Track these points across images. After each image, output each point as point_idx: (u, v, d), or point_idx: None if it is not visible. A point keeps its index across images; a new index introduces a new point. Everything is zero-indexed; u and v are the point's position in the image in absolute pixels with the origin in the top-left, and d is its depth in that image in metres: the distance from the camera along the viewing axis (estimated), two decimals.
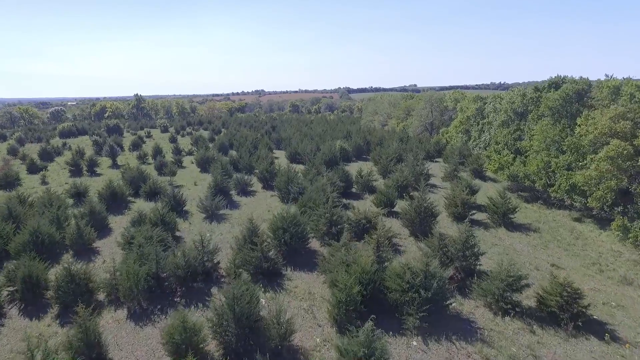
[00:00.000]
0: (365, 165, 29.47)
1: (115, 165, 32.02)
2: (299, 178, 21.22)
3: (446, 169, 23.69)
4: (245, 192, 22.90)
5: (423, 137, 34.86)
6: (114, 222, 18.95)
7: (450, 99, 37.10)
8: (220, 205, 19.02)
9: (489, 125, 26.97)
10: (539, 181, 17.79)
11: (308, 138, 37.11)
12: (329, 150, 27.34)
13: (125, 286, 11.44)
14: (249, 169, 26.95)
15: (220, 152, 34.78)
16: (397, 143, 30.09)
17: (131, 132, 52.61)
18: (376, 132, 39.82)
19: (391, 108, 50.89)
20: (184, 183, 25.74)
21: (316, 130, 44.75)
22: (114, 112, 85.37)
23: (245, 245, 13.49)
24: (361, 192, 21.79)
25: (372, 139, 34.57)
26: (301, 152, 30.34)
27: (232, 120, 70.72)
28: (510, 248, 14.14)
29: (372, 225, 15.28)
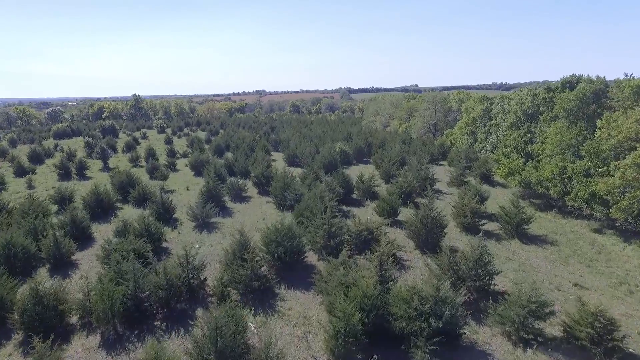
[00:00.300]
0: (366, 168, 28.23)
1: (106, 168, 30.83)
2: (296, 183, 19.97)
3: (452, 174, 22.41)
4: (240, 197, 21.66)
5: (426, 139, 33.57)
6: (98, 230, 17.75)
7: (455, 99, 35.81)
8: (212, 213, 17.78)
9: (496, 127, 25.68)
10: (554, 188, 16.51)
11: (307, 140, 35.86)
12: (328, 153, 26.09)
13: (98, 309, 10.22)
14: (245, 172, 25.73)
15: (215, 154, 33.56)
16: (400, 145, 28.82)
17: (127, 133, 51.45)
18: (378, 133, 38.56)
19: (393, 109, 49.59)
20: (176, 187, 24.53)
21: (316, 131, 43.50)
22: (112, 112, 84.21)
23: (235, 260, 12.26)
24: (362, 199, 20.53)
25: (373, 140, 33.31)
26: (300, 155, 29.10)
27: (231, 121, 69.54)
28: (526, 264, 12.85)
29: (374, 237, 14.04)
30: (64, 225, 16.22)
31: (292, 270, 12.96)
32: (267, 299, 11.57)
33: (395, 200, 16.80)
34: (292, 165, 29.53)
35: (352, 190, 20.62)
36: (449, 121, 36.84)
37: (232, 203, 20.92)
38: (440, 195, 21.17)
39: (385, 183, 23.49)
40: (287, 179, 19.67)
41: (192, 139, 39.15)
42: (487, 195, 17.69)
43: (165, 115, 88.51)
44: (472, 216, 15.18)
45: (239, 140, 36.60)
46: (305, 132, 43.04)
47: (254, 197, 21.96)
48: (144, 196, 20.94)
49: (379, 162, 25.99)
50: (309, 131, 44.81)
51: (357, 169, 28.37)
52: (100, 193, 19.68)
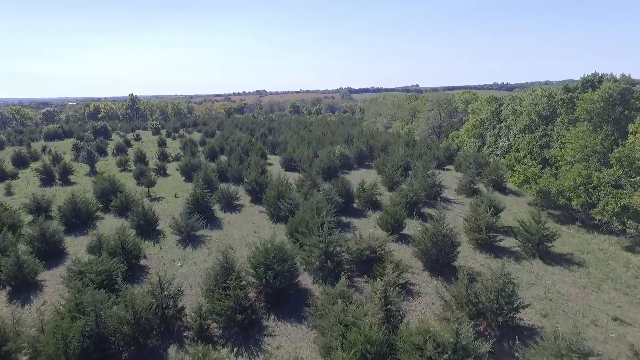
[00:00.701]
0: (368, 173, 26.56)
1: (93, 172, 29.17)
2: (291, 192, 18.29)
3: (461, 181, 20.71)
4: (231, 206, 19.99)
5: (431, 142, 31.91)
6: (73, 245, 16.12)
7: (460, 99, 34.13)
8: (197, 226, 16.12)
9: (507, 129, 24.01)
10: (577, 199, 14.84)
11: (305, 142, 34.20)
12: (327, 157, 24.42)
13: (49, 350, 8.58)
14: (238, 178, 24.06)
15: (208, 158, 31.90)
16: (403, 149, 27.15)
17: (120, 135, 49.87)
18: (380, 135, 36.91)
19: (395, 109, 47.91)
20: (163, 194, 22.88)
21: (315, 133, 41.84)
22: (108, 113, 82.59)
23: (217, 287, 10.61)
24: (364, 208, 18.85)
25: (375, 143, 31.63)
26: (297, 158, 27.44)
27: (228, 122, 67.91)
28: (552, 289, 11.17)
29: (378, 257, 12.38)
30: (32, 239, 14.60)
31: (283, 296, 11.30)
32: (253, 334, 9.91)
33: (400, 212, 15.12)
34: (289, 170, 27.88)
35: (352, 199, 18.95)
36: (454, 123, 35.15)
37: (222, 213, 19.26)
38: (448, 204, 19.48)
39: (389, 190, 21.81)
40: (281, 187, 18.00)
41: (186, 141, 37.52)
42: (503, 206, 16.00)
43: (162, 116, 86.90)
44: (487, 232, 13.49)
45: (233, 142, 34.95)
46: (304, 134, 41.37)
47: (246, 205, 20.29)
48: (126, 205, 19.30)
49: (381, 167, 24.31)
50: (307, 133, 43.15)
51: (358, 174, 26.71)
52: (77, 202, 18.04)
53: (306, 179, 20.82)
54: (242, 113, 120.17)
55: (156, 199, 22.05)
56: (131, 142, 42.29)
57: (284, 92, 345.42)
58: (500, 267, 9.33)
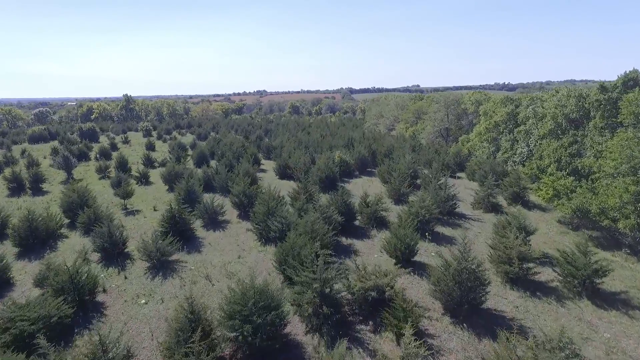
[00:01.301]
0: (371, 182, 24.01)
1: (70, 180, 26.67)
2: (283, 208, 15.76)
3: (477, 193, 18.17)
4: (215, 222, 17.48)
5: (439, 146, 29.37)
6: (23, 272, 13.65)
7: (470, 100, 31.60)
8: (170, 250, 13.60)
9: (526, 134, 21.46)
10: (624, 220, 12.34)
11: (302, 146, 31.69)
12: (325, 164, 21.88)
13: None
14: (226, 188, 21.53)
15: (197, 164, 29.42)
16: (410, 154, 24.62)
17: (109, 137, 47.37)
18: (383, 139, 34.39)
19: (398, 110, 45.38)
20: (142, 207, 20.37)
21: (314, 135, 39.31)
22: (101, 113, 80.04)
23: (179, 345, 8.10)
24: (367, 227, 16.32)
25: (378, 147, 29.10)
26: (293, 165, 24.91)
27: (225, 123, 65.45)
28: (615, 347, 8.64)
29: (386, 299, 9.87)
30: None
31: (267, 354, 8.78)
32: None
33: (412, 235, 12.59)
34: (283, 178, 25.36)
35: (354, 216, 16.41)
36: (464, 125, 32.60)
37: (203, 231, 16.75)
38: (465, 221, 16.94)
39: (395, 203, 19.28)
40: (272, 203, 15.46)
41: (175, 144, 35.01)
42: (533, 228, 13.45)
43: (157, 117, 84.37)
44: (520, 264, 10.96)
45: (225, 146, 32.45)
46: (302, 136, 38.85)
47: (232, 222, 17.76)
48: (95, 221, 16.78)
49: (386, 176, 21.77)
50: (305, 136, 40.63)
51: (360, 182, 24.18)
52: (35, 219, 15.53)
53: (301, 190, 18.30)
54: (241, 113, 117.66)
55: (132, 212, 19.55)
56: (118, 145, 39.79)
57: (285, 92, 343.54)
58: (557, 332, 6.81)
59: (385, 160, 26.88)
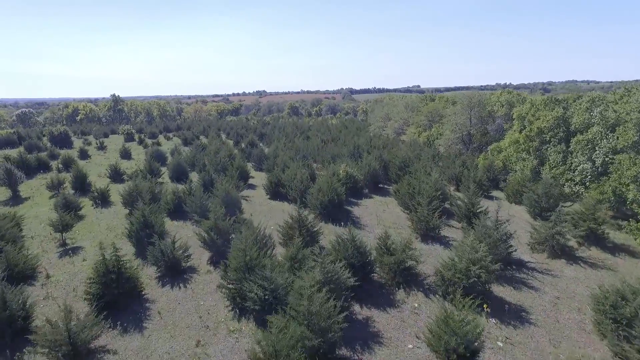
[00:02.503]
0: (385, 204, 19.01)
1: (14, 200, 21.76)
2: (267, 261, 10.80)
3: (538, 231, 13.24)
4: (176, 272, 12.55)
5: (466, 157, 24.40)
6: None
7: (499, 101, 26.69)
8: (93, 334, 8.70)
9: (589, 145, 16.55)
10: None
11: (300, 156, 26.76)
12: (328, 184, 16.95)
13: None
14: (202, 214, 16.56)
15: (173, 177, 24.51)
16: (433, 168, 19.70)
17: (85, 141, 42.45)
18: (394, 145, 29.46)
19: (408, 112, 40.46)
20: (86, 242, 15.46)
21: (314, 141, 34.36)
22: (87, 114, 75.00)
23: None
24: (390, 284, 11.38)
25: (391, 158, 24.18)
26: (287, 183, 20.03)
27: (217, 126, 60.53)
28: None
29: None
30: None
31: None
32: None
33: (472, 327, 7.66)
34: (275, 198, 20.44)
35: (370, 267, 11.48)
36: (491, 131, 27.66)
37: (157, 286, 11.86)
38: (528, 274, 11.99)
39: (423, 240, 14.37)
40: (251, 253, 10.52)
41: (153, 152, 30.08)
42: None
43: (147, 118, 79.41)
44: None
45: (209, 155, 27.57)
46: (300, 143, 33.93)
47: (201, 269, 12.84)
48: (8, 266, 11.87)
49: (407, 200, 16.84)
50: (304, 141, 35.73)
51: (372, 205, 19.23)
52: None
53: (296, 225, 13.38)
54: (238, 115, 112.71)
55: (71, 250, 14.63)
56: (90, 152, 34.84)
57: (284, 92, 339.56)
58: None
59: (401, 175, 21.99)
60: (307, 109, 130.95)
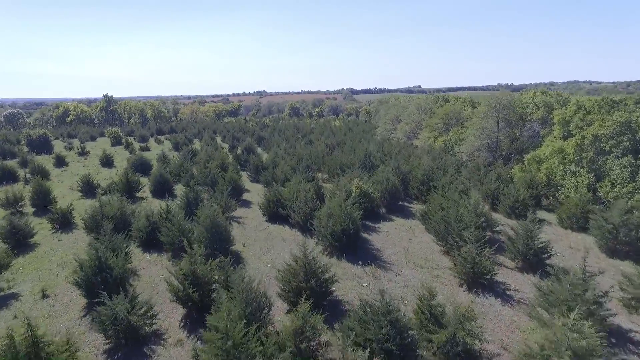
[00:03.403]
0: (411, 231, 15.37)
1: None
2: (256, 358, 7.18)
3: (634, 285, 9.61)
4: (135, 342, 8.93)
5: (499, 168, 20.77)
6: None
7: (535, 103, 23.07)
8: None
9: None
10: None
11: (303, 164, 23.17)
12: (341, 209, 13.37)
13: None
14: (179, 246, 12.98)
15: (155, 193, 20.95)
16: (466, 184, 16.11)
17: (67, 145, 38.87)
18: (411, 154, 25.79)
19: (421, 114, 36.86)
20: (29, 285, 11.87)
21: (318, 147, 30.77)
22: (78, 115, 71.34)
23: None
24: None
25: (411, 170, 20.62)
26: (287, 201, 16.44)
27: (213, 128, 56.95)
28: None
29: None
30: None
31: None
32: None
33: None
34: (274, 221, 16.84)
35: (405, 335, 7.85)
36: (518, 136, 24.06)
37: None
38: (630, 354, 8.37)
39: (470, 289, 10.76)
40: (236, 338, 6.91)
41: (135, 160, 26.48)
42: None
43: (141, 119, 75.78)
44: None
45: (198, 164, 24.04)
46: (302, 149, 30.37)
47: (169, 339, 9.23)
48: None
49: (440, 227, 13.23)
50: (306, 147, 32.16)
51: (393, 230, 15.59)
52: None
53: (300, 277, 9.77)
54: (236, 115, 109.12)
55: (5, 299, 11.04)
56: (69, 159, 31.27)
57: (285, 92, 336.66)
58: None
59: (424, 190, 18.42)
60: (308, 109, 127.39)
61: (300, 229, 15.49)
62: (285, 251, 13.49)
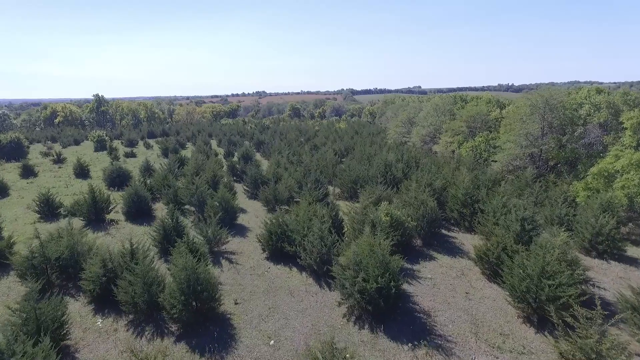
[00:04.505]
0: (466, 278, 11.29)
1: None
2: None
3: None
4: None
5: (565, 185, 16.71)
6: None
7: (594, 103, 19.04)
8: None
9: None
10: None
11: (310, 177, 19.10)
12: (372, 255, 9.33)
13: None
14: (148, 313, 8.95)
15: (128, 215, 16.95)
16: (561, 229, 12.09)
17: (44, 152, 34.83)
18: (441, 164, 21.69)
19: (440, 116, 32.84)
20: None
21: (325, 154, 26.72)
22: (67, 117, 67.04)
23: None
24: None
25: (442, 183, 16.63)
26: (295, 234, 12.41)
27: (209, 130, 52.88)
28: None
29: None
30: None
31: None
32: None
33: None
34: (277, 260, 12.77)
35: None
36: (569, 144, 20.05)
37: None
38: None
39: None
40: None
41: (114, 171, 22.42)
42: None
43: (134, 120, 71.59)
44: None
45: (186, 175, 20.00)
46: (307, 158, 26.32)
47: None
48: None
49: (518, 286, 9.18)
50: (312, 154, 28.17)
51: (440, 277, 11.52)
52: None
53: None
54: (235, 116, 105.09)
55: None
56: (36, 169, 27.23)
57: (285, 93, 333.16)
58: None
59: (466, 214, 14.45)
60: (310, 110, 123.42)
61: (314, 273, 11.46)
62: (295, 316, 9.47)
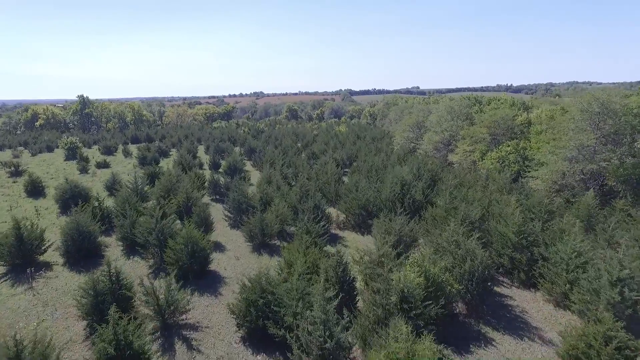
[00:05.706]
0: None
1: None
2: None
3: None
4: None
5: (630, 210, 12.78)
6: None
7: None
8: None
9: None
10: None
11: (310, 202, 14.98)
12: None
13: None
14: None
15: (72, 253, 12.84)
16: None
17: (5, 161, 30.64)
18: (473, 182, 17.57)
19: (456, 121, 28.90)
20: None
21: (327, 168, 22.66)
22: (49, 119, 62.50)
23: None
24: None
25: (478, 212, 12.62)
26: (285, 310, 8.27)
27: (199, 134, 48.73)
28: None
29: None
30: None
31: None
32: None
33: None
34: (257, 346, 8.64)
35: None
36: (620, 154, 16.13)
37: None
38: None
39: None
40: None
41: (67, 190, 18.28)
42: None
43: (121, 123, 67.19)
44: None
45: (155, 194, 15.90)
46: (303, 169, 22.26)
47: None
48: None
49: None
50: (311, 163, 24.11)
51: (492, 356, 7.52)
52: None
53: None
54: (230, 118, 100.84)
55: None
56: None
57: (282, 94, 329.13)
58: None
59: (522, 261, 10.46)
60: (308, 111, 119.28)
61: None
62: None
